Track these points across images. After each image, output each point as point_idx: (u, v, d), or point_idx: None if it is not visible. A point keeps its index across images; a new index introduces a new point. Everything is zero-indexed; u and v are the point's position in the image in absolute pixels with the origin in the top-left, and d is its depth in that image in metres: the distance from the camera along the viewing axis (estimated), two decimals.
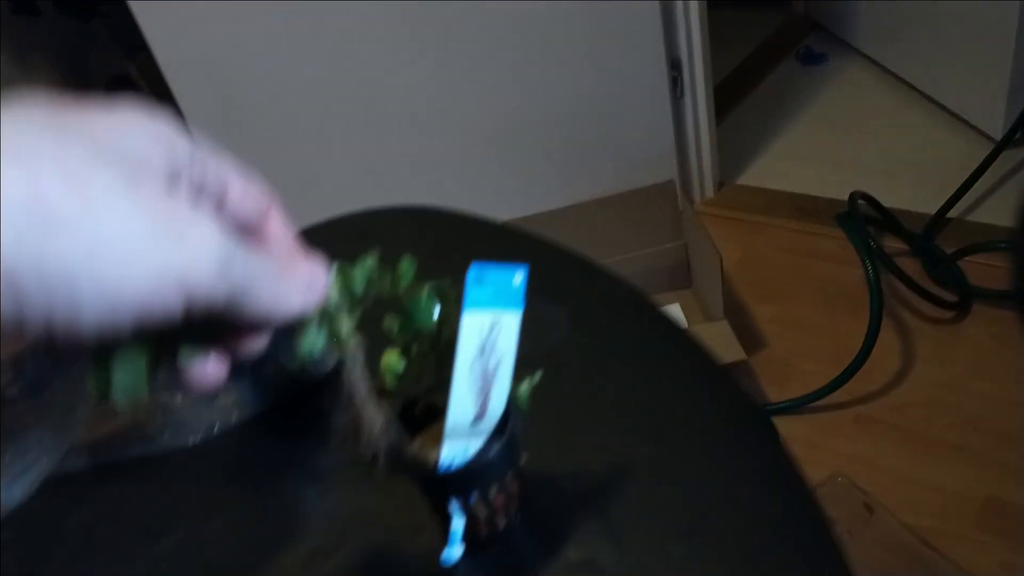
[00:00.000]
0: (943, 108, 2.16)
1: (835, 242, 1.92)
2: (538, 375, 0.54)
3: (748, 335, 1.77)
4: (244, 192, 0.37)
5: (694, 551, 0.51)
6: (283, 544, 0.58)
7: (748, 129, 2.29)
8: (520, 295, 0.51)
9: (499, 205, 1.88)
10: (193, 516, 0.61)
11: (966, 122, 2.09)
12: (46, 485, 0.63)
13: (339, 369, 0.48)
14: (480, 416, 0.52)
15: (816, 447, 1.56)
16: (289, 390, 0.68)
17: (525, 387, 0.53)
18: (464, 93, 1.81)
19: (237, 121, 1.80)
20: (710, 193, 2.08)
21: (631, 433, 0.59)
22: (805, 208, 2.02)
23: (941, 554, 1.34)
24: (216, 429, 0.66)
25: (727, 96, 2.31)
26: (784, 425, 1.60)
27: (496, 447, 0.51)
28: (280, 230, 0.40)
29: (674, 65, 1.89)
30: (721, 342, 1.56)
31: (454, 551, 0.54)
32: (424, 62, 1.76)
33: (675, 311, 1.77)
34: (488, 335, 0.50)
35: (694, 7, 1.81)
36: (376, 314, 0.47)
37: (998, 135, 1.98)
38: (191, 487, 0.63)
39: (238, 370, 0.65)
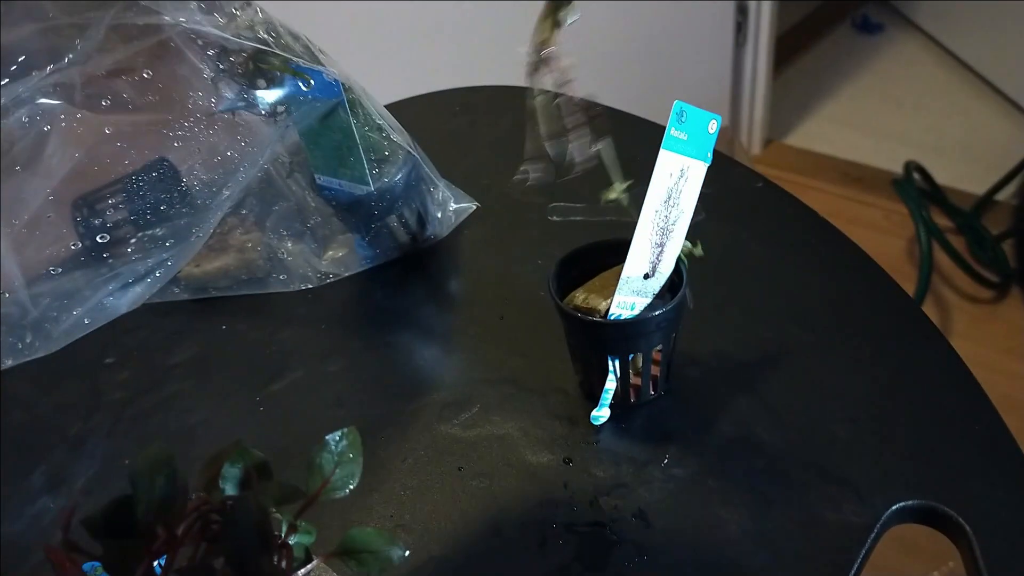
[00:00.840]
0: (997, 91, 2.13)
1: (878, 211, 1.90)
2: (700, 246, 0.51)
3: None
4: None
5: (859, 435, 0.48)
6: (410, 393, 0.55)
7: (798, 91, 2.25)
8: (711, 144, 0.48)
9: None
10: (311, 356, 0.58)
11: (1019, 107, 2.07)
12: (148, 315, 0.60)
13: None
14: (651, 273, 0.49)
15: None
16: (404, 250, 0.65)
17: (692, 247, 0.50)
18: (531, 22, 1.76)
19: None
20: (756, 150, 2.05)
21: (781, 317, 0.56)
22: (851, 175, 1.99)
23: None
24: (328, 280, 0.62)
25: (780, 55, 2.26)
26: None
27: (664, 308, 0.48)
28: None
29: (741, 10, 1.84)
30: None
31: (603, 413, 0.51)
32: None
33: None
34: (677, 181, 0.47)
35: None
36: None
37: None
38: (306, 329, 0.60)
39: (356, 224, 0.62)
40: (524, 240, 0.66)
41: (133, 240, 0.57)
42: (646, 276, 0.49)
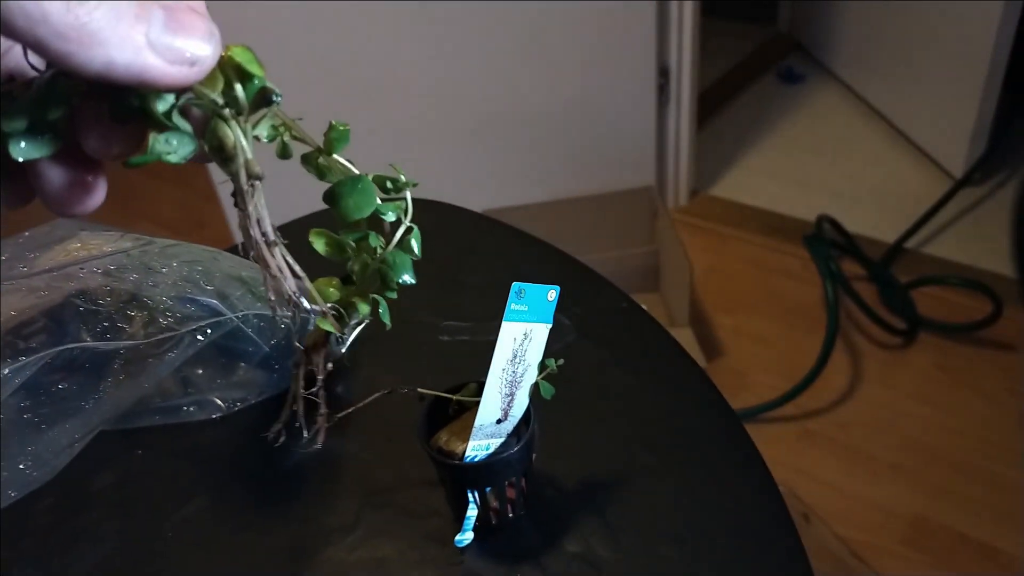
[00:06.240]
0: (909, 141, 2.26)
1: (797, 261, 2.01)
2: (560, 361, 0.57)
3: (707, 342, 1.84)
4: None
5: (682, 555, 0.57)
6: (305, 516, 0.62)
7: (724, 141, 2.36)
8: (551, 310, 0.56)
9: (480, 194, 1.92)
10: (215, 486, 0.65)
11: (930, 157, 2.19)
12: None
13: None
14: (503, 418, 0.57)
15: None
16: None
17: (551, 365, 0.57)
18: (457, 84, 1.84)
19: None
20: (683, 201, 2.15)
21: (632, 440, 0.64)
22: (772, 225, 2.10)
23: (868, 566, 1.44)
24: (238, 406, 0.69)
25: (706, 107, 2.37)
26: None
27: (515, 448, 0.56)
28: None
29: (663, 72, 1.95)
30: None
31: (466, 536, 0.59)
32: (423, 54, 1.79)
33: None
34: (521, 343, 0.55)
35: (688, 16, 1.87)
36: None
37: (958, 173, 2.08)
38: (212, 457, 0.67)
39: (263, 360, 0.69)
40: (415, 361, 0.74)
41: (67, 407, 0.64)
42: (499, 421, 0.57)
